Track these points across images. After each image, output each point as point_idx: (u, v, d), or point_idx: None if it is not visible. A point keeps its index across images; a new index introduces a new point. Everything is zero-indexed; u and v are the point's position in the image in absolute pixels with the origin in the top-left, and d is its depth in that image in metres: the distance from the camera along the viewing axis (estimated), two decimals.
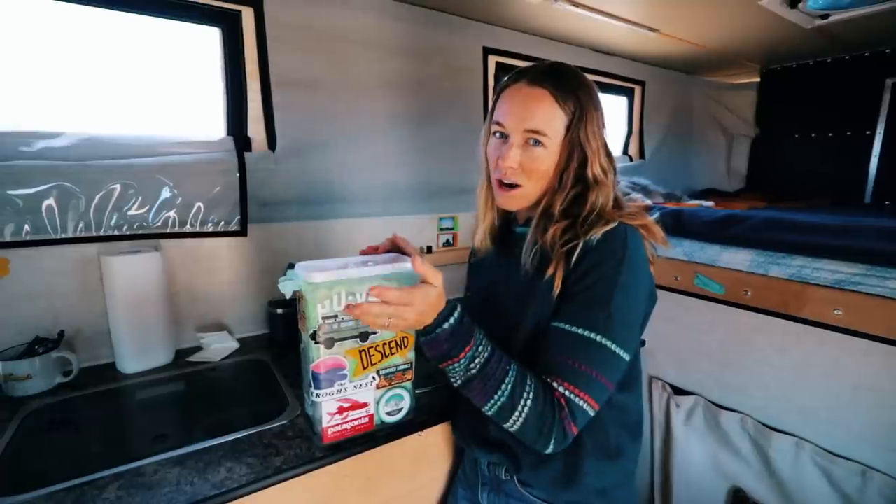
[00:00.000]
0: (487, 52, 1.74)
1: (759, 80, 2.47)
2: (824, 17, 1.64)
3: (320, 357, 0.77)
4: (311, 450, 0.84)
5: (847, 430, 1.01)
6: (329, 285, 0.75)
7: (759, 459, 1.15)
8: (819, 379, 1.04)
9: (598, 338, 0.64)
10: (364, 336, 0.80)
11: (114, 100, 1.16)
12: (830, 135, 2.23)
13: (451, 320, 0.64)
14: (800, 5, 1.53)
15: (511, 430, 0.65)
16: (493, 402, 0.64)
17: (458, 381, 0.66)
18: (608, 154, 0.75)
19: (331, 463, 0.84)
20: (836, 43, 1.98)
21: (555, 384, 0.64)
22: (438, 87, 1.64)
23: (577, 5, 1.50)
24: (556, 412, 0.63)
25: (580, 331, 0.65)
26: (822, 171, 2.29)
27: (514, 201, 0.76)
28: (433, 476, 1.03)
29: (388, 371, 0.84)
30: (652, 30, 1.73)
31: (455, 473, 1.02)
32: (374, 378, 0.83)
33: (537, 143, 0.71)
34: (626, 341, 0.66)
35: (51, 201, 1.04)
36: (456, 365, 0.64)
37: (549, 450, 0.64)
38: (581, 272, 0.66)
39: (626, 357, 0.66)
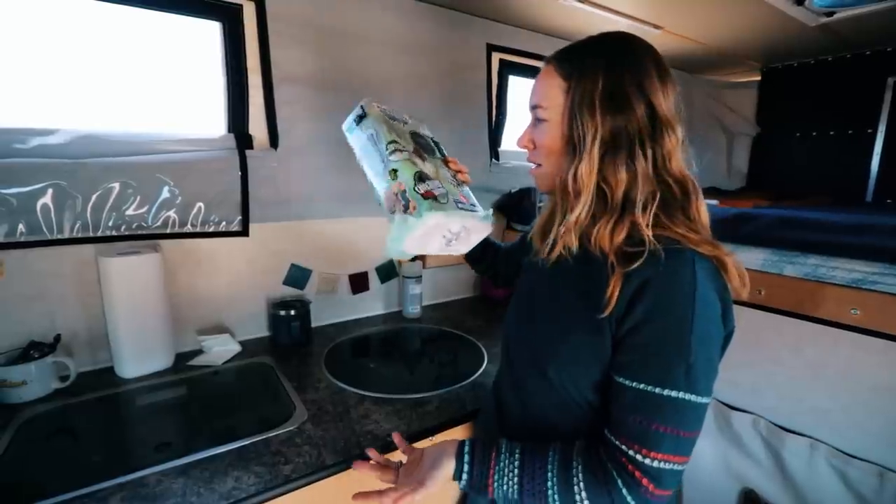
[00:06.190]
0: (491, 48, 1.72)
1: (759, 78, 2.47)
2: (829, 14, 1.63)
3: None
4: (320, 457, 0.82)
5: (864, 431, 0.99)
6: None
7: (772, 460, 1.13)
8: (835, 379, 1.03)
9: (681, 395, 0.56)
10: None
11: (111, 96, 1.12)
12: (832, 133, 2.23)
13: (462, 478, 0.65)
14: (805, 2, 1.52)
15: None
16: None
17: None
18: (633, 128, 0.61)
19: (341, 470, 0.82)
20: (839, 41, 1.97)
21: (638, 456, 0.56)
22: (442, 84, 1.62)
23: (582, 1, 1.48)
24: (627, 489, 0.56)
25: (660, 391, 0.56)
26: (823, 170, 2.29)
27: (538, 182, 0.75)
28: None
29: None
30: (656, 27, 1.71)
31: None
32: None
33: (538, 116, 0.69)
34: (708, 386, 0.58)
35: (46, 200, 1.00)
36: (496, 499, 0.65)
37: None
38: (641, 314, 0.57)
39: (709, 400, 0.58)
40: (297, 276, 1.42)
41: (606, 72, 0.62)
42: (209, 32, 1.22)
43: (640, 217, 0.60)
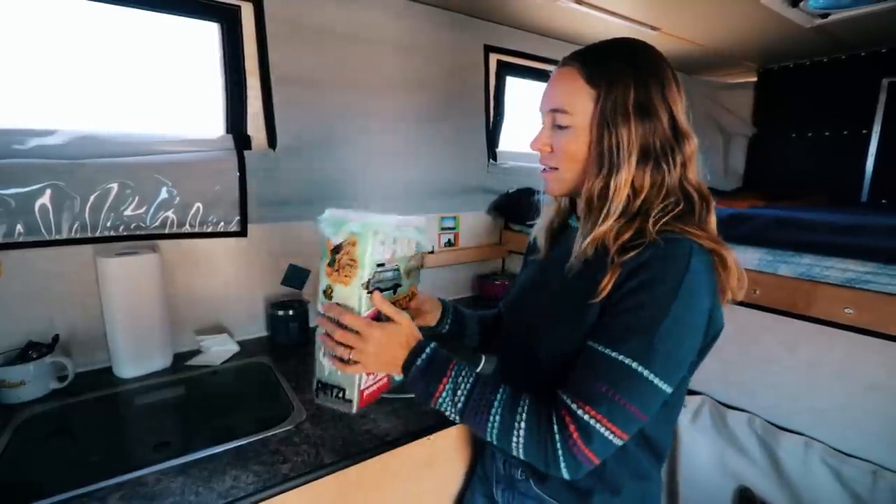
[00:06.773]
0: (489, 49, 1.72)
1: (756, 79, 2.48)
2: (824, 16, 1.64)
3: (369, 309, 0.69)
4: (318, 456, 0.82)
5: (858, 430, 1.00)
6: (384, 230, 0.71)
7: (768, 459, 1.14)
8: (829, 378, 1.04)
9: (635, 364, 0.57)
10: (395, 288, 0.75)
11: (110, 97, 1.12)
12: (827, 134, 2.25)
13: (423, 355, 0.67)
14: (801, 4, 1.53)
15: (518, 456, 0.62)
16: (489, 431, 0.63)
17: (454, 416, 0.66)
18: (660, 139, 0.63)
19: (339, 469, 0.82)
20: (834, 42, 1.98)
21: (574, 406, 0.58)
22: (440, 85, 1.63)
23: (580, 3, 1.49)
24: (560, 435, 0.58)
25: (615, 355, 0.58)
26: (818, 170, 2.30)
27: (550, 185, 0.73)
28: (442, 479, 1.01)
29: None
30: (653, 28, 1.72)
31: (472, 472, 1.01)
32: None
33: (560, 123, 0.67)
34: (668, 373, 0.58)
35: (45, 201, 1.01)
36: (440, 401, 0.65)
37: (566, 475, 0.60)
38: (630, 288, 0.59)
39: (666, 389, 0.58)
40: (295, 277, 1.42)
41: (636, 80, 0.62)
42: (208, 33, 1.22)
43: (649, 221, 0.61)
